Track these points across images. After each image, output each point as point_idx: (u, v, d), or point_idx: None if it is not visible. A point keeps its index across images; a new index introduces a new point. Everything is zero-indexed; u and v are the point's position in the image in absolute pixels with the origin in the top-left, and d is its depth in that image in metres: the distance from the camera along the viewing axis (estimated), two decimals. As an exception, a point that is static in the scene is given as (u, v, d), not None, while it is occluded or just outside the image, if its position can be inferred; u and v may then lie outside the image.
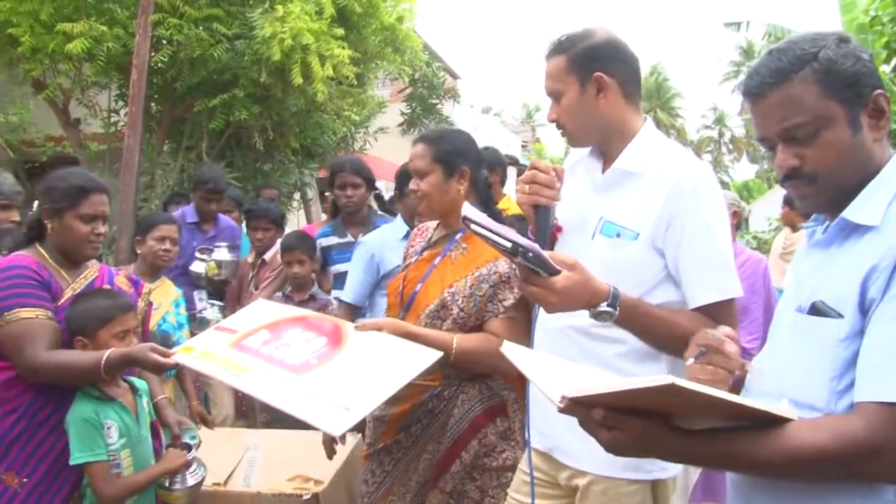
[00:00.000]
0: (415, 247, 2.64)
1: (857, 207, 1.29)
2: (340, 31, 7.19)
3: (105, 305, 2.41)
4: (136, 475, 2.41)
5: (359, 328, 2.24)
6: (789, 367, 1.33)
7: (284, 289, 4.27)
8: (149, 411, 2.60)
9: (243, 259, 4.92)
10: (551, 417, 1.89)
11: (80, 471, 2.35)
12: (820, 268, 1.33)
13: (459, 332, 2.33)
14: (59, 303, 2.41)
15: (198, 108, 7.25)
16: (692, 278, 1.84)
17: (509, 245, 1.62)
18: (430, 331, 2.31)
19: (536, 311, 1.93)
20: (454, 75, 20.22)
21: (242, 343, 2.22)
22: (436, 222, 2.61)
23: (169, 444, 2.62)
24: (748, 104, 1.36)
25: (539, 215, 1.90)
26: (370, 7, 7.77)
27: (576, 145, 2.08)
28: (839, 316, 1.24)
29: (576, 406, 1.23)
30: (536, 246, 1.62)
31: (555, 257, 1.65)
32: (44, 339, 2.30)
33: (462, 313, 2.34)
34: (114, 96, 8.00)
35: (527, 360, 1.54)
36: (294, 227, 6.11)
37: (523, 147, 31.38)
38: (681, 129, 47.46)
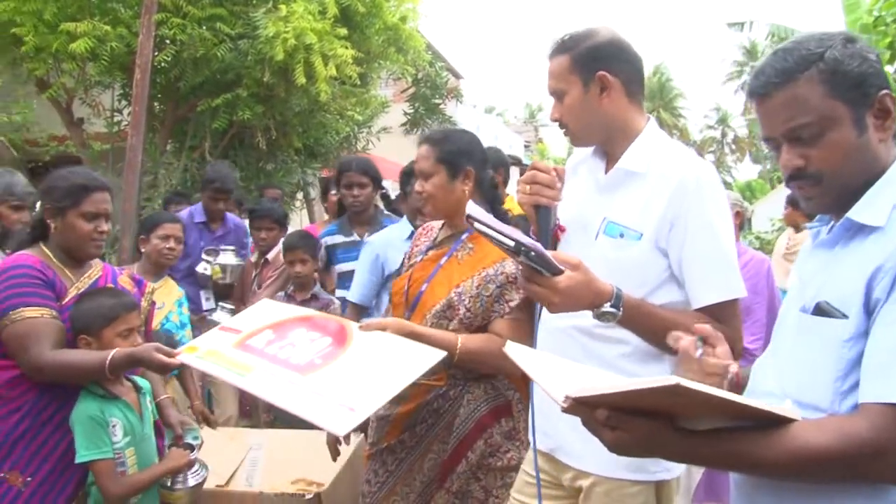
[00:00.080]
0: (419, 246, 2.64)
1: (863, 208, 1.28)
2: (344, 31, 7.19)
3: (109, 304, 2.42)
4: (140, 473, 2.41)
5: (363, 328, 2.24)
6: (793, 367, 1.33)
7: (287, 288, 4.28)
8: (152, 410, 2.60)
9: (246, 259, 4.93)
10: (554, 418, 1.89)
11: (84, 469, 2.35)
12: (824, 268, 1.33)
13: (465, 332, 2.33)
14: (63, 302, 2.42)
15: (201, 107, 7.25)
16: (696, 279, 1.84)
17: (512, 244, 1.61)
18: (434, 331, 2.31)
19: (539, 311, 1.93)
20: (457, 75, 20.22)
21: (247, 343, 2.22)
22: (440, 222, 2.61)
23: (171, 444, 2.62)
24: (753, 104, 1.36)
25: (540, 215, 1.89)
26: (373, 7, 7.77)
27: (579, 145, 2.08)
28: (844, 316, 1.24)
29: (579, 406, 1.23)
30: (539, 245, 1.61)
31: (558, 257, 1.65)
32: (48, 338, 2.31)
33: (468, 313, 2.33)
34: (117, 96, 8.01)
35: (530, 360, 1.54)
36: (297, 227, 6.11)
37: (526, 147, 31.39)
38: (684, 130, 47.41)
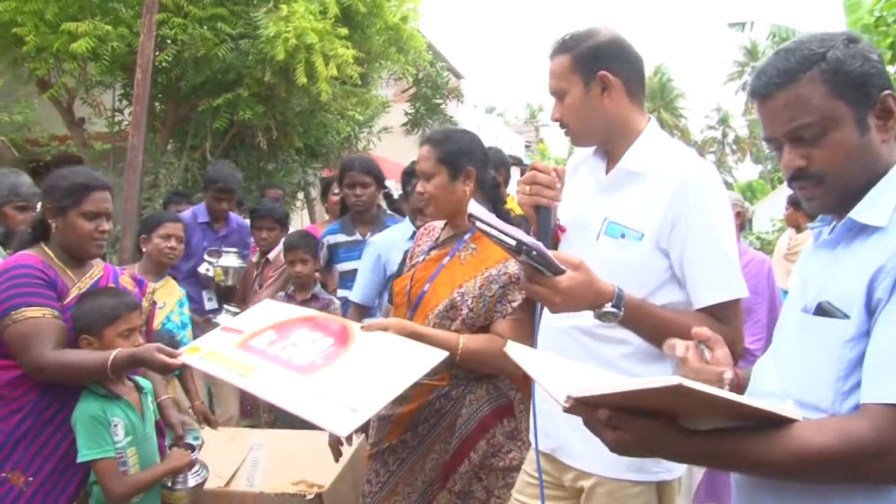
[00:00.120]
0: (421, 246, 2.64)
1: (865, 208, 1.28)
2: (344, 31, 7.19)
3: (111, 304, 2.42)
4: (142, 473, 2.41)
5: (365, 328, 2.24)
6: (794, 367, 1.33)
7: (287, 288, 4.28)
8: (154, 410, 2.60)
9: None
10: (556, 418, 1.89)
11: (85, 469, 2.35)
12: (826, 268, 1.33)
13: (468, 332, 2.33)
14: (64, 302, 2.42)
15: (202, 107, 7.26)
16: (697, 279, 1.84)
17: (514, 243, 1.61)
18: (436, 331, 2.31)
19: (539, 311, 1.93)
20: (458, 75, 20.21)
21: (248, 343, 2.22)
22: (442, 222, 2.61)
23: (171, 445, 2.62)
24: (755, 104, 1.36)
25: (540, 216, 1.89)
26: (374, 7, 7.77)
27: (579, 145, 2.07)
28: (845, 316, 1.23)
29: (581, 406, 1.23)
30: (541, 245, 1.61)
31: (559, 257, 1.65)
32: (50, 338, 2.31)
33: (471, 314, 2.33)
34: (118, 96, 8.01)
35: (531, 359, 1.54)
36: (298, 227, 6.11)
37: (527, 147, 31.39)
38: (684, 130, 47.39)
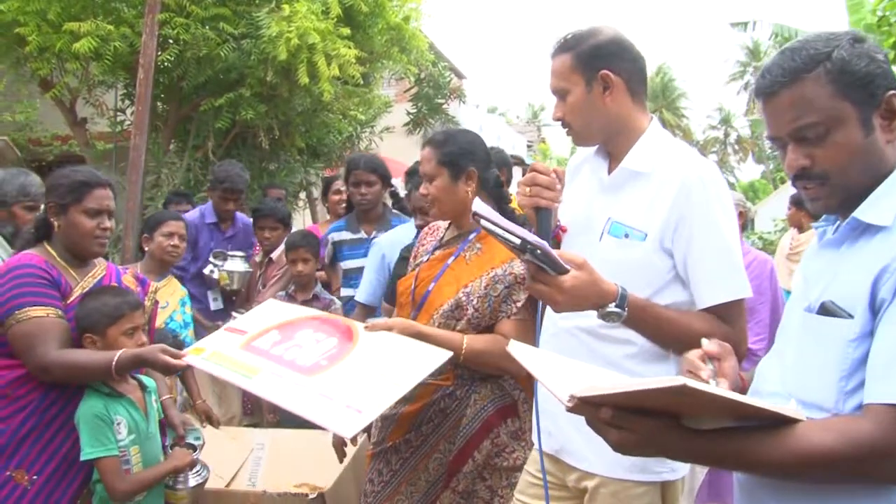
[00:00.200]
0: (425, 246, 2.64)
1: (869, 207, 1.28)
2: (347, 31, 7.19)
3: (114, 303, 2.42)
4: (145, 472, 2.41)
5: (369, 328, 2.24)
6: (797, 366, 1.33)
7: (288, 288, 4.28)
8: (157, 409, 2.61)
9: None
10: (559, 419, 1.89)
11: (89, 467, 2.35)
12: (830, 267, 1.33)
13: (473, 332, 2.33)
14: (68, 301, 2.42)
15: (204, 107, 7.25)
16: (701, 279, 1.83)
17: (518, 242, 1.61)
18: (440, 331, 2.31)
19: (541, 310, 1.93)
20: (460, 75, 20.20)
21: (252, 344, 2.22)
22: (447, 221, 2.61)
23: (173, 444, 2.62)
24: (760, 103, 1.36)
25: (540, 217, 1.88)
26: (376, 6, 7.76)
27: (581, 144, 2.07)
28: (849, 316, 1.23)
29: (584, 405, 1.23)
30: (546, 244, 1.61)
31: (563, 256, 1.64)
32: (55, 337, 2.31)
33: (477, 313, 2.33)
34: (120, 95, 8.01)
35: (533, 359, 1.54)
36: (300, 227, 6.11)
37: (528, 147, 31.36)
38: (686, 130, 47.32)
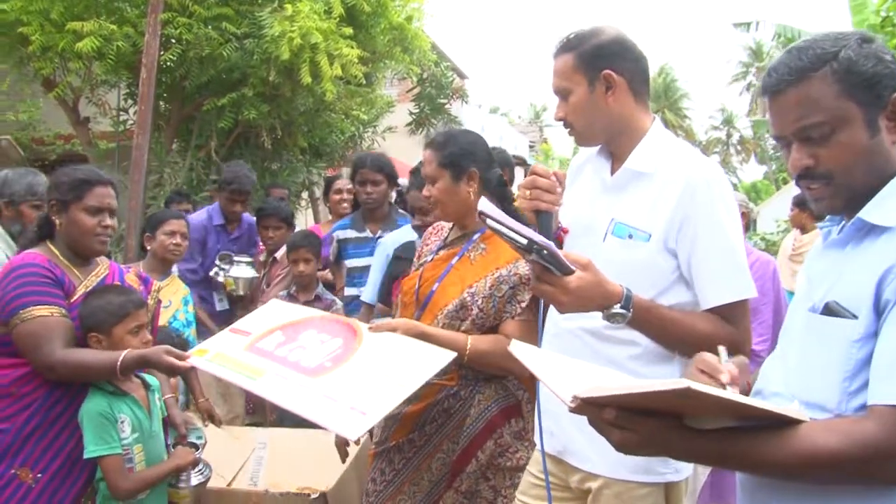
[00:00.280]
0: (429, 245, 2.64)
1: (874, 208, 1.28)
2: (349, 31, 7.19)
3: (119, 302, 2.42)
4: (148, 470, 2.42)
5: (373, 329, 2.23)
6: (801, 367, 1.33)
7: (290, 288, 4.27)
8: (161, 407, 2.61)
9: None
10: (562, 419, 1.89)
11: (93, 465, 2.36)
12: (834, 268, 1.33)
13: (477, 332, 2.33)
14: (71, 300, 2.42)
15: (207, 106, 7.26)
16: (705, 279, 1.83)
17: (524, 241, 1.61)
18: (444, 331, 2.31)
19: (542, 310, 1.93)
20: (462, 75, 20.20)
21: (257, 345, 2.22)
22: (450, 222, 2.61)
23: (175, 443, 2.62)
24: (766, 101, 1.36)
25: (541, 220, 1.88)
26: (379, 6, 7.76)
27: (584, 144, 2.07)
28: (853, 317, 1.23)
29: (587, 406, 1.23)
30: (552, 244, 1.61)
31: (569, 257, 1.64)
32: (60, 336, 2.32)
33: (481, 314, 2.33)
34: (123, 95, 8.02)
35: (536, 359, 1.54)
36: (302, 227, 6.11)
37: (531, 147, 31.34)
38: (689, 130, 47.24)
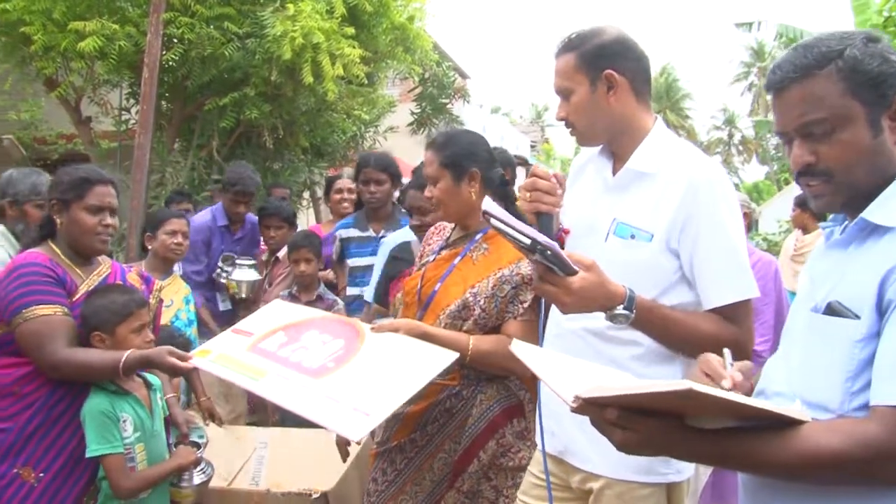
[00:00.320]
0: (431, 245, 2.64)
1: (878, 208, 1.28)
2: (351, 31, 7.18)
3: (122, 301, 2.43)
4: (150, 469, 2.42)
5: (375, 329, 2.23)
6: (803, 367, 1.33)
7: (291, 288, 4.28)
8: (162, 407, 2.61)
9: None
10: (563, 420, 1.89)
11: (95, 464, 2.36)
12: (837, 268, 1.33)
13: (479, 332, 2.33)
14: (73, 299, 2.43)
15: (208, 106, 7.26)
16: (708, 279, 1.83)
17: (528, 242, 1.61)
18: (446, 332, 2.30)
19: (544, 309, 1.93)
20: (464, 75, 20.19)
21: (259, 346, 2.22)
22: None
23: (177, 442, 2.63)
24: (770, 97, 1.36)
25: (541, 222, 1.88)
26: (381, 6, 7.76)
27: (585, 144, 2.07)
28: (855, 317, 1.23)
29: (588, 405, 1.23)
30: (555, 244, 1.61)
31: (572, 257, 1.64)
32: (63, 335, 2.33)
33: (483, 314, 2.33)
34: (125, 94, 8.02)
35: (537, 358, 1.54)
36: (304, 226, 6.12)
37: (532, 147, 31.32)
38: (690, 130, 47.20)
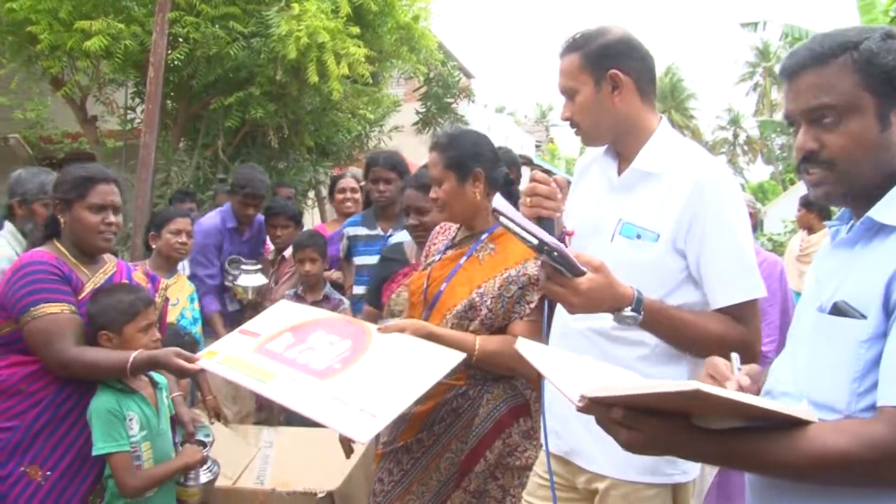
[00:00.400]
0: (436, 245, 2.63)
1: (884, 207, 1.27)
2: (356, 30, 7.18)
3: (129, 300, 2.44)
4: (156, 468, 2.42)
5: (382, 330, 2.23)
6: (809, 367, 1.33)
7: (297, 287, 4.27)
8: (168, 406, 2.62)
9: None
10: (569, 420, 1.88)
11: (101, 463, 2.37)
12: (843, 267, 1.32)
13: (486, 332, 2.32)
14: (79, 297, 2.44)
15: (214, 105, 7.26)
16: (715, 279, 1.83)
17: (535, 242, 1.61)
18: (453, 332, 2.30)
19: (547, 309, 1.93)
20: (468, 74, 20.16)
21: (266, 347, 2.22)
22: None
23: (182, 441, 2.63)
24: (784, 83, 1.36)
25: (542, 227, 1.87)
26: (386, 6, 7.76)
27: (590, 144, 2.07)
28: (862, 317, 1.23)
29: (594, 405, 1.23)
30: (563, 246, 1.61)
31: (581, 258, 1.64)
32: (72, 334, 2.34)
33: (490, 314, 2.33)
34: (130, 93, 8.03)
35: (542, 357, 1.53)
36: (309, 226, 6.12)
37: (537, 147, 31.28)
38: (695, 130, 47.11)
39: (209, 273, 4.56)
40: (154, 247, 3.93)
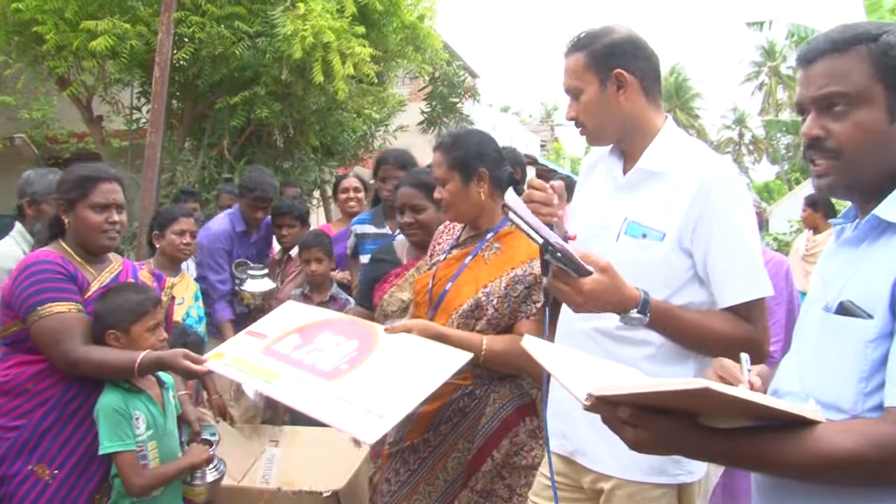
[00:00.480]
0: (441, 244, 2.63)
1: (890, 205, 1.27)
2: (361, 30, 7.19)
3: (137, 299, 2.44)
4: (162, 467, 2.43)
5: (388, 330, 2.23)
6: (816, 366, 1.32)
7: (303, 288, 4.27)
8: (175, 405, 2.62)
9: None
10: (574, 421, 1.88)
11: (108, 462, 2.38)
12: (849, 266, 1.32)
13: (492, 332, 2.32)
14: (86, 296, 2.45)
15: (219, 105, 7.28)
16: (721, 278, 1.82)
17: (541, 241, 1.61)
18: (459, 332, 2.30)
19: (548, 308, 1.93)
20: (473, 74, 20.16)
21: (273, 348, 2.23)
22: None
23: (189, 440, 2.64)
24: (799, 70, 1.36)
25: None
26: (391, 5, 7.76)
27: (595, 144, 2.06)
28: (868, 316, 1.22)
29: (601, 404, 1.22)
30: (568, 248, 1.60)
31: (588, 258, 1.64)
32: (80, 333, 2.35)
33: (496, 314, 2.33)
34: (136, 93, 8.05)
35: (548, 355, 1.53)
36: (314, 225, 6.12)
37: (542, 146, 31.23)
38: (700, 130, 47.04)
39: (220, 279, 4.51)
40: (157, 246, 3.93)
